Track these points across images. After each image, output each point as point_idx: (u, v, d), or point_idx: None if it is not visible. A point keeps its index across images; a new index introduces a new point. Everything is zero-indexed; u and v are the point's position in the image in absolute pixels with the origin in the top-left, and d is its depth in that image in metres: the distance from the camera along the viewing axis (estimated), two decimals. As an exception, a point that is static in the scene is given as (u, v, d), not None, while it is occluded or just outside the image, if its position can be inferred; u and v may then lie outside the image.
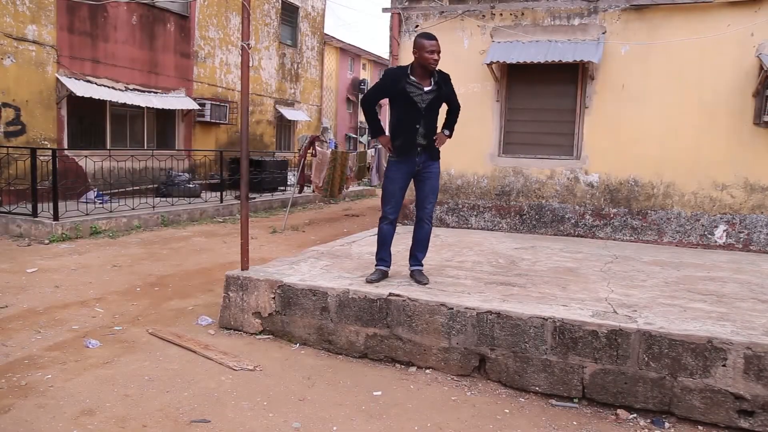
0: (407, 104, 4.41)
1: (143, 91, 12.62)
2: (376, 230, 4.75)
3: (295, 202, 11.98)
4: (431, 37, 4.37)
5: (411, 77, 4.41)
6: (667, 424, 3.42)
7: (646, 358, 3.53)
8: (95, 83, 11.44)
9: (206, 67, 14.75)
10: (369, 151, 11.28)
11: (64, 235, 8.49)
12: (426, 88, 4.41)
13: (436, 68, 4.42)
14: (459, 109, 4.75)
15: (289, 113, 18.46)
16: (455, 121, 4.75)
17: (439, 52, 4.35)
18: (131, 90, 12.31)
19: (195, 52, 14.31)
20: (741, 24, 6.76)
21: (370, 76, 31.81)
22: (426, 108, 4.43)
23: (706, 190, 7.05)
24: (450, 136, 4.72)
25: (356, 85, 30.06)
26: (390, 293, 4.22)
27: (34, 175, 8.76)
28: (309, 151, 10.40)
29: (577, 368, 3.68)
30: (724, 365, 3.38)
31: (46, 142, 10.56)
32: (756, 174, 6.89)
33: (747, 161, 6.89)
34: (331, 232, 9.95)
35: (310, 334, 4.47)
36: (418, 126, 4.43)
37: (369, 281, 4.52)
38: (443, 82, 4.51)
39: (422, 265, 4.68)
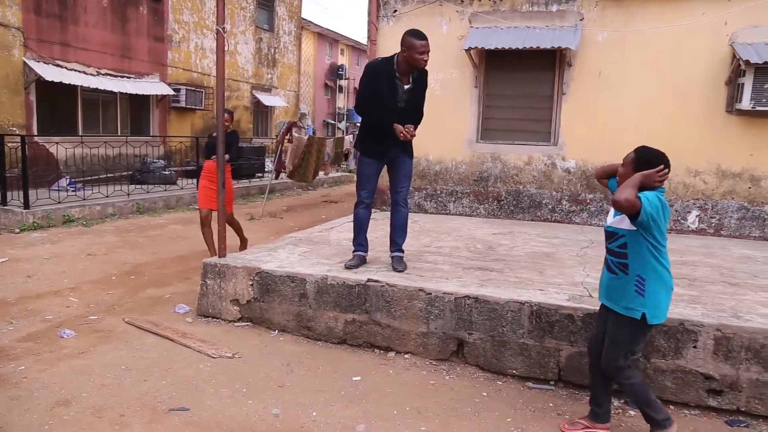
0: (387, 102, 4.33)
1: (116, 76, 12.34)
2: (353, 216, 4.74)
3: (272, 188, 11.89)
4: (422, 36, 4.22)
5: (396, 73, 4.31)
6: (640, 405, 3.50)
7: (621, 341, 3.59)
8: (65, 68, 11.15)
9: (181, 51, 14.47)
10: (347, 137, 11.22)
11: (35, 224, 8.31)
12: (406, 86, 4.36)
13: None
14: (421, 117, 4.57)
15: (266, 99, 18.26)
16: (418, 124, 4.53)
17: (429, 52, 4.24)
18: (103, 75, 12.03)
19: (169, 36, 14.02)
20: (715, 13, 6.85)
21: (348, 62, 31.56)
22: (404, 108, 4.37)
23: (679, 176, 7.17)
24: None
25: (334, 70, 29.80)
26: (368, 279, 4.22)
27: (2, 162, 8.54)
28: (286, 137, 10.31)
29: (554, 351, 3.74)
30: (695, 347, 3.47)
31: (14, 128, 10.27)
32: (727, 161, 7.02)
33: (719, 148, 7.01)
34: (309, 218, 9.90)
35: (289, 320, 4.46)
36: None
37: (347, 267, 4.52)
38: (420, 79, 4.43)
39: (402, 252, 4.67)
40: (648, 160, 2.84)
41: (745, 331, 3.41)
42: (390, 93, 4.32)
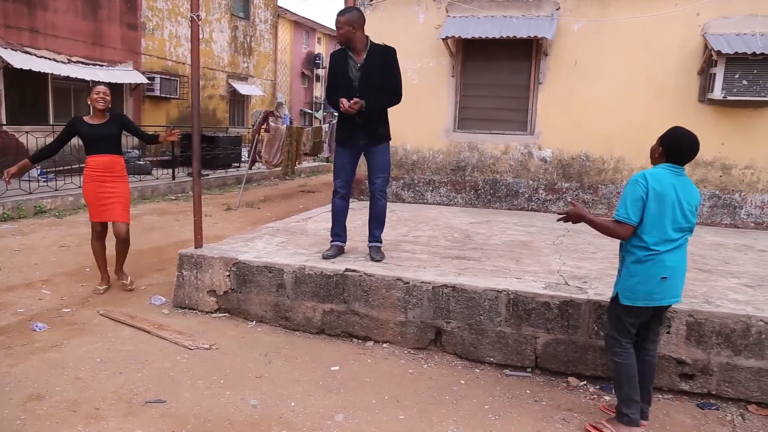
0: (345, 84, 4.36)
1: (88, 64, 12.06)
2: (331, 206, 4.72)
3: (249, 178, 11.78)
4: (340, 12, 4.31)
5: (350, 53, 4.38)
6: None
7: (596, 328, 3.65)
8: (35, 55, 10.86)
9: (155, 39, 14.19)
10: (324, 126, 11.15)
11: (5, 215, 8.12)
12: (358, 63, 4.36)
13: (361, 43, 4.32)
14: (395, 95, 4.40)
15: (242, 88, 18.04)
16: (382, 103, 4.37)
17: (340, 29, 4.26)
18: (74, 63, 11.75)
19: (143, 23, 13.74)
20: (688, 3, 6.93)
21: (325, 51, 31.27)
22: (360, 87, 4.31)
23: (653, 164, 7.27)
24: (364, 108, 4.23)
25: (311, 59, 29.53)
26: (346, 269, 4.22)
27: (-29, 152, 8.30)
28: (263, 127, 10.20)
29: (531, 339, 3.78)
30: (668, 332, 3.54)
31: (-18, 117, 10.00)
32: (700, 150, 7.12)
33: (691, 137, 7.12)
34: (286, 208, 9.84)
35: (267, 311, 4.44)
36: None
37: (325, 257, 4.51)
38: (376, 54, 4.35)
39: (380, 242, 4.67)
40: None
41: (716, 317, 3.49)
42: (344, 72, 4.38)
